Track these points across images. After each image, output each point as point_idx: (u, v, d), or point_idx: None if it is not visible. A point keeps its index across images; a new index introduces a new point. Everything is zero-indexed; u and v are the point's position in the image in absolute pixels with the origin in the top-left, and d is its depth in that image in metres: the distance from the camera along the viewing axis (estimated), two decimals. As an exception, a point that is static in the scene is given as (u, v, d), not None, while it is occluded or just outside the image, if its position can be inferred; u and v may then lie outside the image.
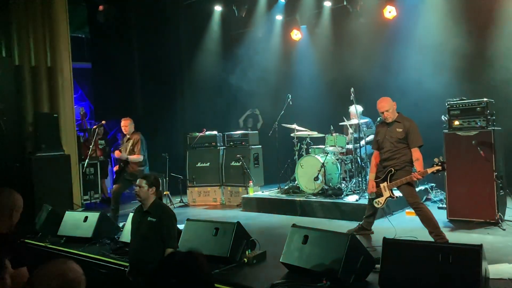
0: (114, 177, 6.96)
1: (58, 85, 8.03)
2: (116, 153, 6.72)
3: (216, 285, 3.89)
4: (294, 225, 4.32)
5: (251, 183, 7.95)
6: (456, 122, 5.77)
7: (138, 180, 4.21)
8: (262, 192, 8.07)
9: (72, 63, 8.30)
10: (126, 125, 6.78)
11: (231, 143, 8.60)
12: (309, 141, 7.90)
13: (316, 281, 3.68)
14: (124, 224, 5.52)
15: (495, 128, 5.64)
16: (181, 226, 4.88)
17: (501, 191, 5.56)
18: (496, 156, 5.49)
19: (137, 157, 6.61)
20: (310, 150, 7.73)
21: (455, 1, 7.80)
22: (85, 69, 12.29)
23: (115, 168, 6.84)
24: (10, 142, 7.19)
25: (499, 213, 5.45)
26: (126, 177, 6.63)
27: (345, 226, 5.81)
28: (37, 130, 7.50)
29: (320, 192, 7.04)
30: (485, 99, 5.64)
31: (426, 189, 7.26)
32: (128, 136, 6.76)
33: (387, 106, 5.01)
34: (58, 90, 8.02)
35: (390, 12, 8.28)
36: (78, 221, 5.74)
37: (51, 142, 7.50)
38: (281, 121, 8.03)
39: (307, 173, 7.15)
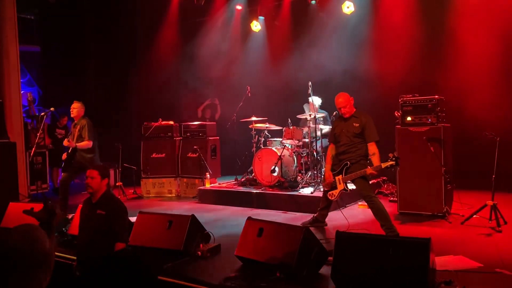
0: (63, 165, 6.62)
1: (4, 70, 7.58)
2: (65, 142, 6.41)
3: (169, 279, 3.80)
4: (249, 218, 4.30)
5: (208, 175, 7.86)
6: (408, 118, 5.93)
7: (89, 171, 4.01)
8: (219, 184, 8.01)
9: (19, 46, 7.84)
10: (75, 107, 6.45)
11: (188, 134, 8.45)
12: (267, 133, 7.90)
13: (270, 274, 3.68)
14: (73, 216, 5.29)
15: (445, 124, 5.84)
16: (133, 219, 4.74)
17: (448, 185, 5.79)
18: (445, 151, 5.70)
19: (86, 144, 6.30)
20: (267, 142, 7.73)
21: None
22: (34, 52, 11.65)
23: (63, 157, 6.49)
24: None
25: (446, 207, 5.68)
26: (75, 165, 6.34)
27: (300, 218, 5.86)
28: (-20, 116, 7.05)
29: (277, 184, 7.08)
30: (436, 96, 5.82)
31: (378, 182, 7.45)
32: (75, 122, 6.47)
33: (344, 102, 5.08)
34: (3, 74, 7.58)
35: (348, 7, 8.40)
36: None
37: (-5, 129, 7.07)
38: (239, 113, 7.96)
39: (264, 166, 7.15)
